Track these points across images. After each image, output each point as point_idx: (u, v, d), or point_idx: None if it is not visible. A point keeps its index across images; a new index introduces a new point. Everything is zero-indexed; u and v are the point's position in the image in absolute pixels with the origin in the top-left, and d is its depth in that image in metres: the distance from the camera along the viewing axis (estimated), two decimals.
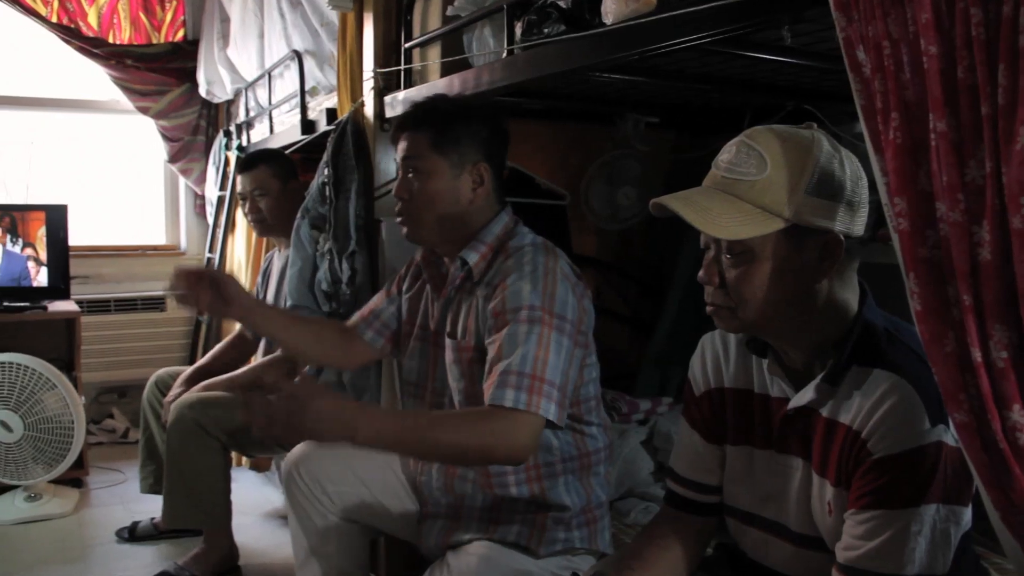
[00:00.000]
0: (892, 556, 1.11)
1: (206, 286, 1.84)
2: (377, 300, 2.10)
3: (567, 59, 1.74)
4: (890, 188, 0.96)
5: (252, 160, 3.06)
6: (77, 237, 4.10)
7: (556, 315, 1.66)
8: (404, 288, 2.05)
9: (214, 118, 4.81)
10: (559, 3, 1.77)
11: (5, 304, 3.73)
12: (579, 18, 1.73)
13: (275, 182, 2.99)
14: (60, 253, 3.88)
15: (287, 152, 3.17)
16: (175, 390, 2.97)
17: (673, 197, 1.23)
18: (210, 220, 4.63)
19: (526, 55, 1.85)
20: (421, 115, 1.84)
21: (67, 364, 3.75)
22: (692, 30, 1.45)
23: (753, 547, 1.38)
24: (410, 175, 1.83)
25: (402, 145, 1.86)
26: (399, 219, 1.88)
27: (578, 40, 1.69)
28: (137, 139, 4.93)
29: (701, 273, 1.26)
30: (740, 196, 1.19)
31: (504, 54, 1.96)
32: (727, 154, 1.23)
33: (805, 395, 1.24)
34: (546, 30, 1.78)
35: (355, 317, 2.11)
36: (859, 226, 1.20)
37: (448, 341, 1.85)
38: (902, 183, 0.95)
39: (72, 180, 4.79)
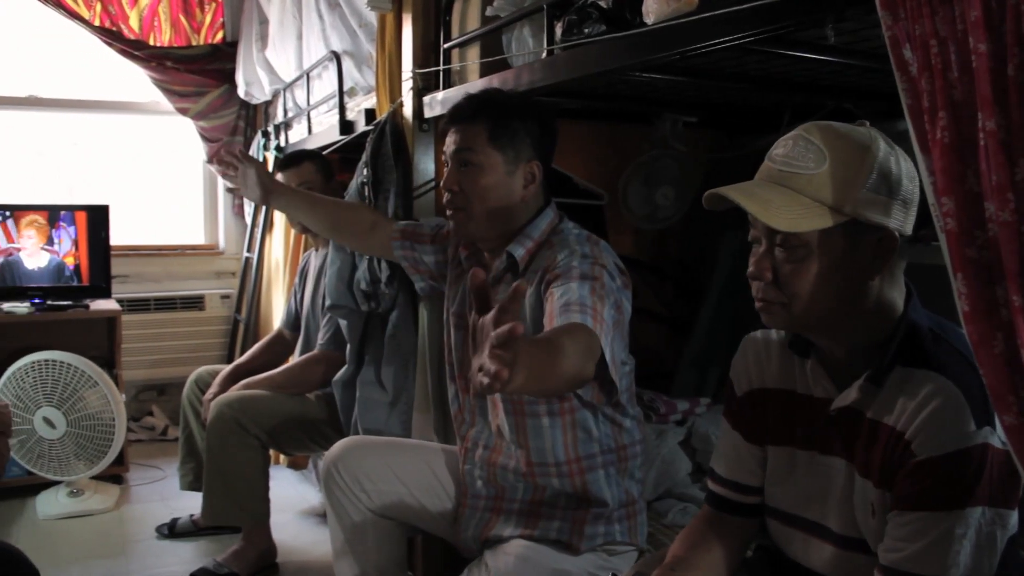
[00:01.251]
0: (935, 559, 1.10)
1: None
2: (421, 235, 2.17)
3: (608, 59, 1.73)
4: (937, 188, 0.95)
5: (295, 158, 3.09)
6: (118, 237, 4.16)
7: (604, 284, 1.64)
8: (451, 269, 2.05)
9: (252, 119, 4.85)
10: (600, 3, 1.77)
11: (48, 303, 3.79)
12: (620, 18, 1.72)
13: (319, 178, 3.02)
14: (101, 253, 3.94)
15: (325, 152, 3.20)
16: (214, 388, 3.00)
17: (732, 188, 1.22)
18: (248, 220, 4.68)
19: (566, 55, 1.85)
20: (477, 108, 1.83)
21: (108, 362, 3.81)
22: (734, 29, 1.44)
23: (794, 549, 1.37)
24: (462, 168, 1.82)
25: (454, 137, 1.85)
26: (448, 212, 1.88)
27: (619, 40, 1.69)
28: (177, 140, 4.99)
29: (751, 268, 1.25)
30: (798, 190, 1.18)
31: (544, 54, 1.96)
32: (783, 148, 1.23)
33: (849, 395, 1.23)
34: (586, 30, 1.78)
35: (401, 226, 2.21)
36: (910, 225, 1.20)
37: None
38: (949, 183, 0.94)
39: (113, 181, 4.85)
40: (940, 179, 0.95)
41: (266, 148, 4.27)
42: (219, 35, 4.84)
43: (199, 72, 4.68)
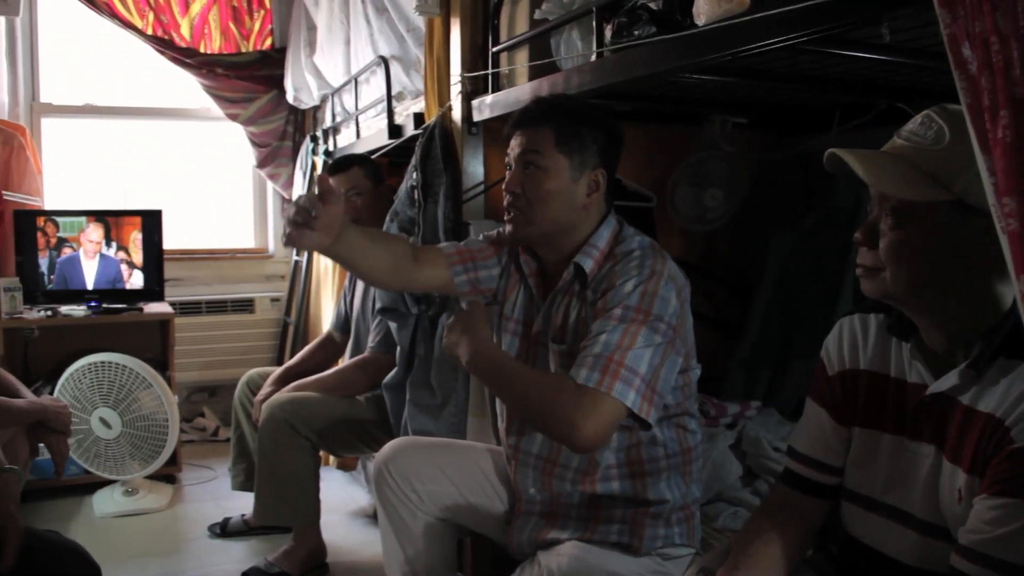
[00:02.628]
0: (1019, 546, 1.09)
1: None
2: (480, 252, 1.98)
3: (658, 61, 1.73)
4: (998, 188, 0.94)
5: (344, 162, 3.11)
6: (170, 241, 4.23)
7: (653, 315, 1.63)
8: (504, 275, 2.01)
9: (301, 124, 4.91)
10: (650, 5, 1.77)
11: (104, 306, 3.87)
12: (670, 20, 1.72)
13: (368, 182, 3.04)
14: (155, 257, 4.02)
15: (374, 156, 3.22)
16: (265, 390, 3.04)
17: (848, 152, 1.24)
18: None
19: (616, 57, 1.85)
20: (544, 112, 1.81)
21: (161, 364, 3.88)
22: (787, 29, 1.43)
23: (872, 534, 1.36)
24: (527, 170, 1.79)
25: (520, 139, 1.82)
26: (507, 215, 1.85)
27: (670, 42, 1.69)
28: (227, 145, 5.07)
29: (857, 234, 1.27)
30: (914, 162, 1.20)
31: (593, 57, 1.96)
32: (911, 124, 1.25)
33: (947, 381, 1.23)
34: (636, 32, 1.78)
35: (452, 250, 1.97)
36: None
37: (553, 346, 1.82)
38: (1011, 182, 0.92)
39: (166, 186, 4.94)
40: (1001, 179, 0.94)
41: (314, 152, 4.32)
42: (268, 42, 4.91)
43: (248, 78, 4.75)
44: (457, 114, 2.58)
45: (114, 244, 3.98)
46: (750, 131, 2.90)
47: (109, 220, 3.98)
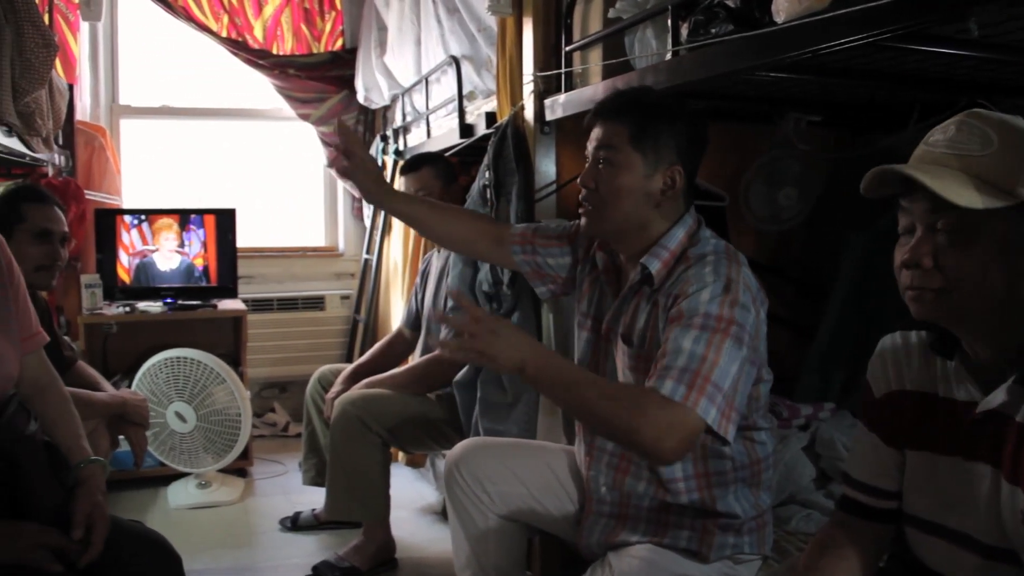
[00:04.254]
0: None
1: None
2: (545, 239, 2.06)
3: (736, 59, 1.70)
4: None
5: (415, 162, 3.13)
6: (243, 239, 4.30)
7: (736, 323, 1.59)
8: (582, 269, 2.01)
9: (371, 123, 4.96)
10: (727, 2, 1.74)
11: (179, 302, 3.96)
12: (748, 17, 1.69)
13: (438, 183, 3.06)
14: (229, 254, 4.10)
15: (446, 155, 3.24)
16: (337, 387, 3.07)
17: (904, 166, 1.19)
18: (367, 222, 4.79)
19: (693, 56, 1.82)
20: (622, 105, 1.78)
21: (234, 360, 3.95)
22: (870, 26, 1.40)
23: (935, 558, 1.32)
24: (600, 165, 1.78)
25: (597, 132, 1.80)
26: (580, 209, 1.84)
27: (748, 40, 1.66)
28: (298, 145, 5.14)
29: (906, 256, 1.20)
30: (965, 171, 1.15)
31: (668, 55, 1.95)
32: (942, 134, 1.20)
33: (996, 397, 1.18)
34: (713, 30, 1.76)
35: (516, 231, 2.10)
36: None
37: (623, 347, 1.81)
38: None
39: (239, 185, 5.03)
40: None
41: (385, 152, 4.36)
42: (339, 42, 4.96)
43: (320, 79, 4.81)
44: (529, 113, 2.59)
45: (189, 242, 4.07)
46: (824, 129, 2.85)
47: (185, 218, 4.07)
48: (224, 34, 4.67)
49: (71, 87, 3.85)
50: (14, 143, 2.68)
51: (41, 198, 2.43)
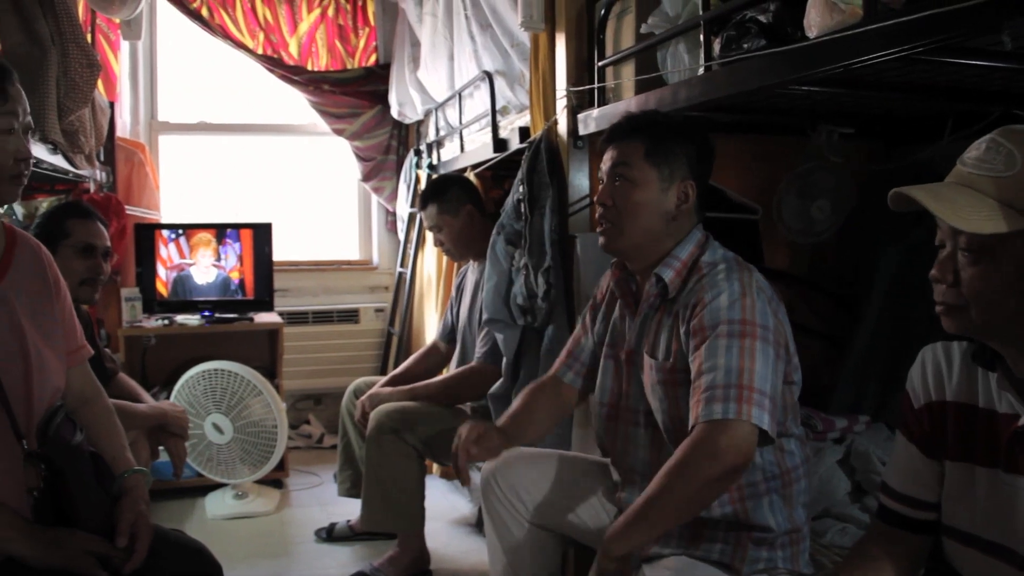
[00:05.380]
0: None
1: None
2: (574, 341, 2.13)
3: (769, 74, 1.72)
4: None
5: (423, 200, 3.19)
6: (278, 253, 4.35)
7: (759, 325, 1.65)
8: (599, 316, 2.06)
9: (405, 138, 5.00)
10: (759, 18, 1.76)
11: (216, 315, 4.02)
12: (780, 32, 1.71)
13: (446, 218, 3.11)
14: (265, 268, 4.15)
15: (479, 170, 3.26)
16: (375, 388, 3.11)
17: (918, 188, 1.20)
18: (401, 236, 4.83)
19: (725, 71, 1.84)
20: (635, 126, 1.85)
21: (270, 372, 3.98)
22: (903, 40, 1.40)
23: (973, 571, 1.32)
24: (617, 183, 1.83)
25: (611, 154, 1.86)
26: (599, 228, 1.89)
27: (780, 55, 1.67)
28: (333, 159, 5.20)
29: (934, 271, 1.23)
30: (985, 192, 1.15)
31: (700, 70, 1.96)
32: (976, 151, 1.20)
33: None
34: (745, 45, 1.77)
35: (556, 363, 2.14)
36: None
37: (649, 361, 1.83)
38: None
39: (274, 199, 5.10)
40: None
41: (418, 166, 4.40)
42: (372, 58, 5.03)
43: (354, 94, 4.86)
44: (563, 128, 2.61)
45: (226, 255, 4.13)
46: (857, 141, 2.85)
47: (222, 232, 4.13)
48: (260, 51, 4.75)
49: (112, 104, 3.93)
50: (58, 160, 2.75)
51: (85, 214, 2.48)
